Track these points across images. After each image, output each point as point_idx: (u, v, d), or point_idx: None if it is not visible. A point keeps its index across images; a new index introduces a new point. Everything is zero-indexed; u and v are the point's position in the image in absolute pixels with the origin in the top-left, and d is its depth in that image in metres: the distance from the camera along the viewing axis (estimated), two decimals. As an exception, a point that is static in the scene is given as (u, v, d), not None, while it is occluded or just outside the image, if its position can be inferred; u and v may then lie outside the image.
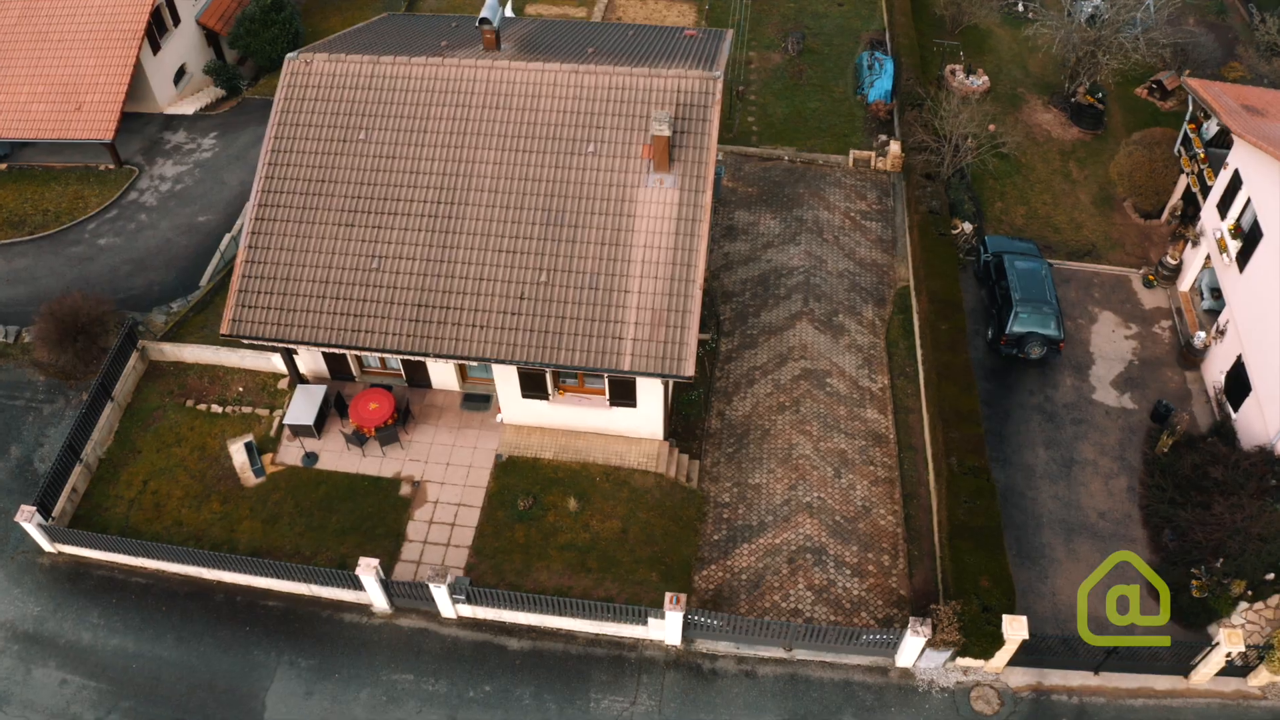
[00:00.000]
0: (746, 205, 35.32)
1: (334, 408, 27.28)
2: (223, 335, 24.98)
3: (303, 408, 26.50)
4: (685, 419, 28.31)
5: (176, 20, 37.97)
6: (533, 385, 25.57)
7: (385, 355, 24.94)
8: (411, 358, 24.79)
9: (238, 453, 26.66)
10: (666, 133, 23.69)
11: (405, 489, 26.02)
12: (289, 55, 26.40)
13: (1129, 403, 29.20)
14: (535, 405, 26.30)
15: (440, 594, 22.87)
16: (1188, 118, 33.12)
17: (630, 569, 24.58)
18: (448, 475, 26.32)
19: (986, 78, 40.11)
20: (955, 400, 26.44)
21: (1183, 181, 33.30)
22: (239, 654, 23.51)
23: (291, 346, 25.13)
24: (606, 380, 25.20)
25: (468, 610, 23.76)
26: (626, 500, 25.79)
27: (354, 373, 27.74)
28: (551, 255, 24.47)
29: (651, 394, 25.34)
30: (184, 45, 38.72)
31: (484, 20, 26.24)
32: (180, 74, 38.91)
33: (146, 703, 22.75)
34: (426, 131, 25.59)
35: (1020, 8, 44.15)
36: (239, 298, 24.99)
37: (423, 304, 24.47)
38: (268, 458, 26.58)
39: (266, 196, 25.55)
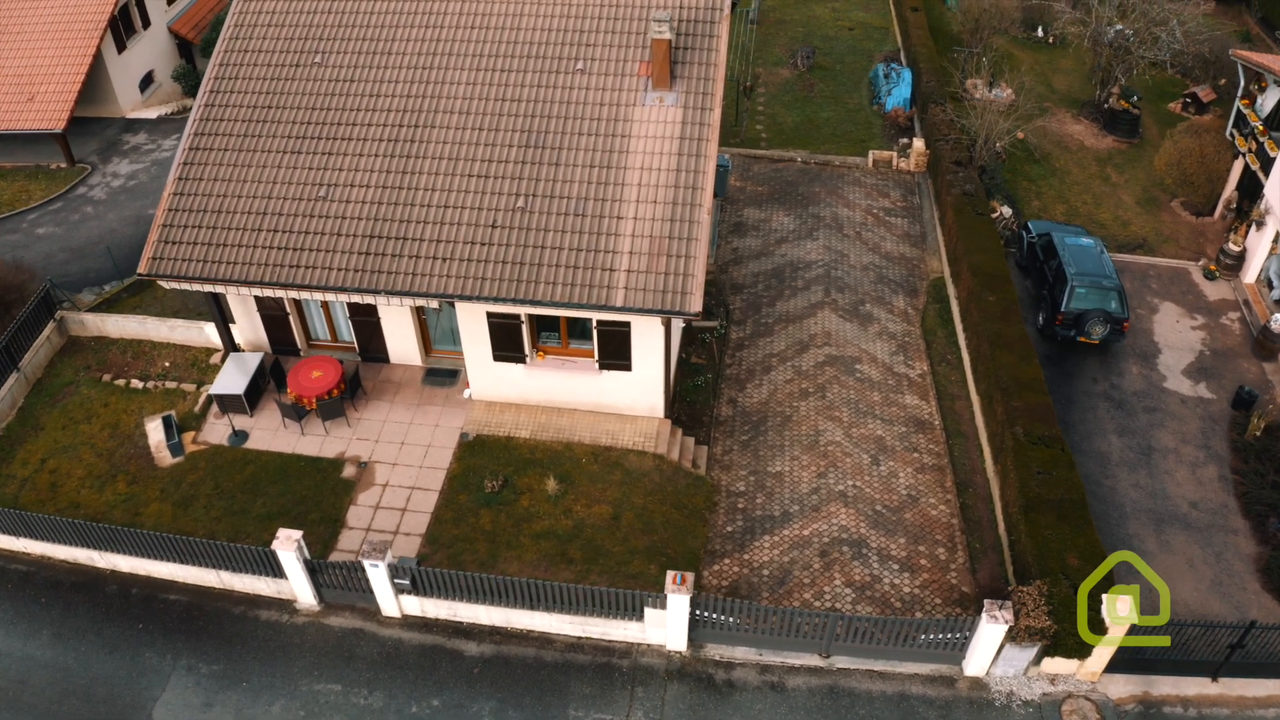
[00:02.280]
0: (756, 203, 31.76)
1: (271, 379, 22.90)
2: (139, 275, 20.88)
3: (233, 377, 22.17)
4: (690, 405, 23.85)
5: (146, 23, 35.48)
6: (507, 342, 21.28)
7: (331, 297, 20.73)
8: (361, 297, 20.57)
9: (154, 430, 22.16)
10: (668, 36, 20.24)
11: (349, 470, 21.39)
12: (237, -16, 23.33)
13: (1205, 392, 24.84)
14: (510, 373, 21.94)
15: (378, 578, 17.98)
16: (1239, 93, 29.86)
17: (623, 560, 19.71)
18: (401, 456, 21.73)
19: (1010, 90, 37.19)
20: (1014, 370, 22.06)
21: (1238, 167, 29.86)
22: (127, 656, 18.47)
23: (219, 289, 20.97)
24: (595, 334, 20.94)
25: (415, 606, 18.78)
26: (619, 483, 21.12)
27: (299, 344, 23.47)
28: (531, 180, 20.64)
29: (650, 353, 21.03)
30: (153, 51, 36.09)
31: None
32: (148, 81, 36.14)
33: (7, 710, 17.64)
34: (391, 54, 22.24)
35: (1040, 33, 41.75)
36: (161, 233, 21.04)
37: (376, 235, 20.50)
38: (189, 436, 22.08)
39: (203, 125, 21.97)
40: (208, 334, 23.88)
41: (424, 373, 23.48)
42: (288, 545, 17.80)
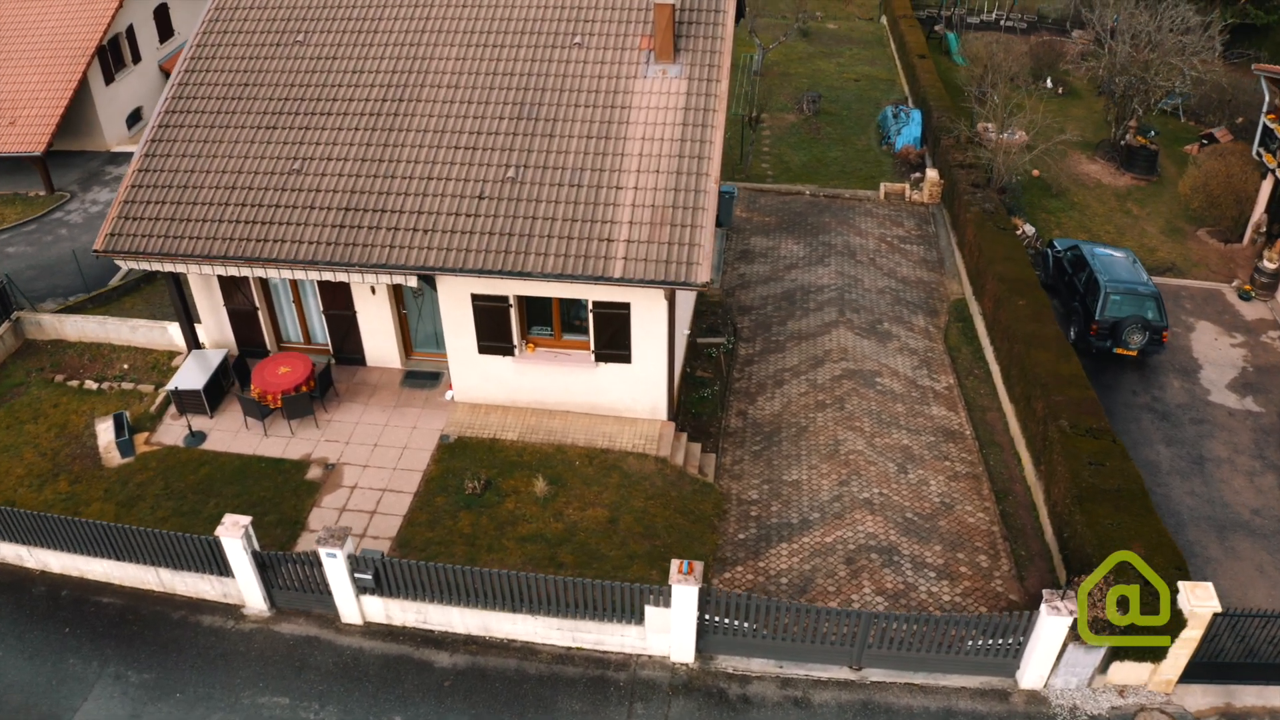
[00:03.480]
0: (764, 232, 30.23)
1: (235, 380, 20.85)
2: (95, 252, 19.09)
3: (193, 373, 20.15)
4: (696, 418, 21.73)
5: (137, 58, 34.67)
6: (494, 330, 19.34)
7: (301, 274, 18.84)
8: (334, 275, 18.70)
9: (104, 431, 20.04)
10: (671, 1, 18.95)
11: (315, 472, 19.14)
12: (222, -39, 22.27)
13: (1254, 405, 22.80)
14: (497, 368, 19.92)
15: (336, 571, 15.57)
16: (1264, 109, 28.61)
17: (620, 565, 17.31)
18: (374, 458, 19.51)
19: (1023, 132, 36.13)
20: (1052, 366, 20.04)
21: (1266, 187, 28.47)
22: (48, 662, 15.92)
23: (180, 267, 19.15)
24: (591, 319, 19.00)
25: (379, 609, 16.29)
26: (616, 486, 18.85)
27: (269, 344, 21.51)
28: (522, 151, 19.06)
29: (652, 342, 19.05)
30: (143, 87, 35.20)
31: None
32: (136, 118, 35.14)
33: (-107, 729, 15.08)
34: (377, 33, 20.98)
35: (1049, 83, 41.07)
36: (121, 209, 19.36)
37: (352, 208, 18.79)
38: (142, 437, 19.93)
39: (175, 104, 20.55)
40: (171, 335, 21.97)
41: (403, 375, 21.43)
42: (234, 532, 15.46)
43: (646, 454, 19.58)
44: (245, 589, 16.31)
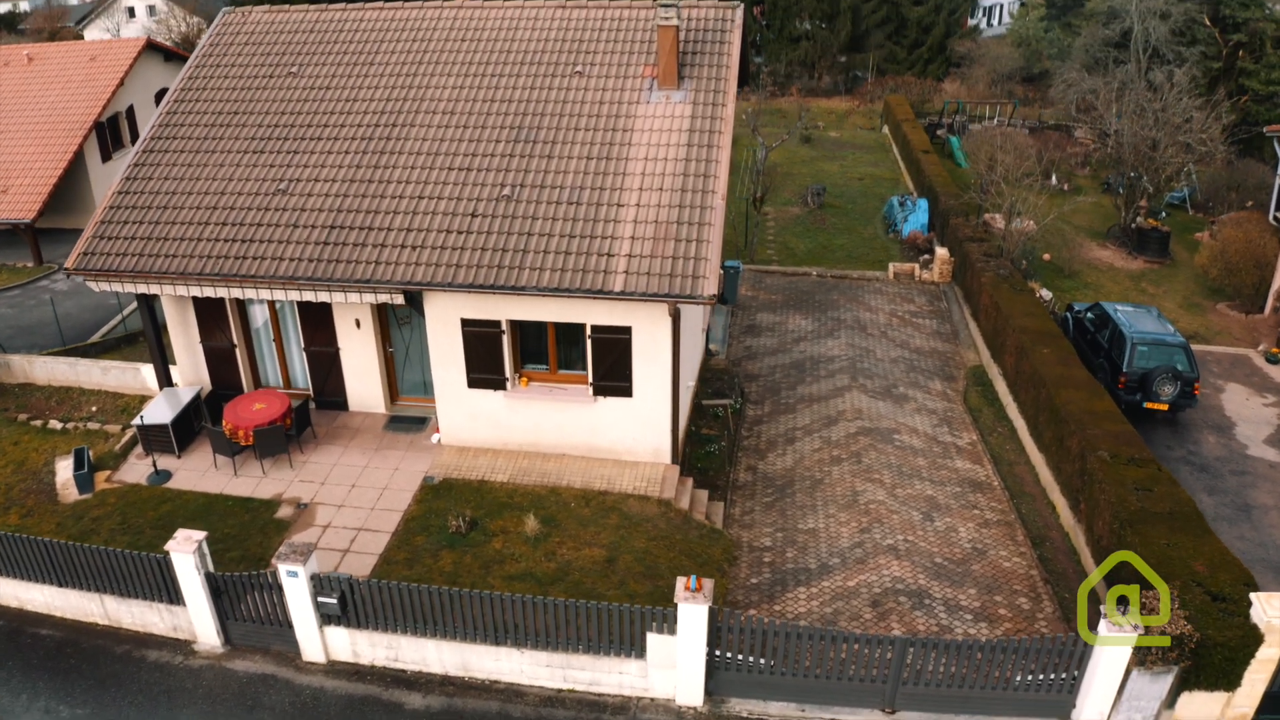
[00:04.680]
0: (771, 309, 29.30)
1: (207, 415, 19.42)
2: (66, 270, 18.08)
3: (162, 408, 18.77)
4: (703, 472, 20.13)
5: (136, 138, 34.64)
6: (485, 360, 18.04)
7: (280, 294, 17.70)
8: (315, 294, 17.54)
9: (64, 469, 18.52)
10: (675, 23, 18.56)
11: (285, 511, 17.46)
12: (224, 8, 22.17)
13: (1296, 461, 21.27)
14: (487, 405, 18.52)
15: (298, 594, 13.77)
16: (1279, 173, 28.13)
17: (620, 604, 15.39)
18: (350, 498, 17.87)
19: (1032, 221, 35.74)
20: (1085, 404, 18.68)
21: (1288, 250, 27.70)
22: (-40, 702, 13.93)
23: (154, 288, 18.04)
24: (590, 345, 17.73)
25: (344, 644, 14.37)
26: (615, 527, 17.14)
27: (245, 387, 20.18)
28: (519, 171, 18.25)
29: (655, 372, 17.72)
30: (142, 173, 35.00)
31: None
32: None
33: None
34: (373, 64, 20.56)
35: (1053, 180, 41.01)
36: (98, 229, 18.42)
37: (338, 225, 17.83)
38: (103, 475, 18.35)
39: (162, 130, 19.93)
40: (144, 377, 20.68)
41: (387, 419, 19.99)
42: (185, 547, 13.76)
43: (649, 496, 17.94)
44: (197, 619, 14.45)
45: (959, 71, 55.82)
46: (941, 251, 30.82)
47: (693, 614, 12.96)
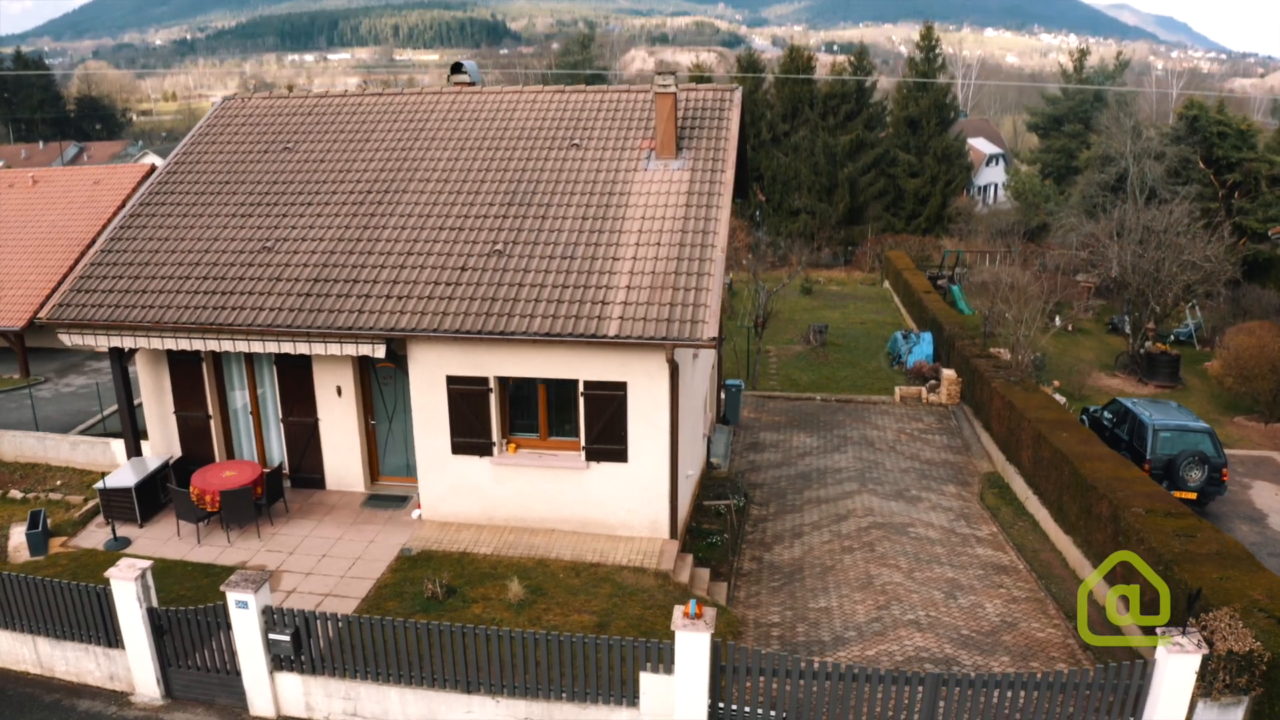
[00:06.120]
0: (774, 428, 28.33)
1: (174, 481, 18.17)
2: (37, 320, 17.43)
3: (127, 473, 17.60)
4: (704, 562, 18.63)
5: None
6: (470, 422, 16.98)
7: (258, 345, 16.85)
8: (294, 346, 16.70)
9: (17, 534, 17.16)
10: (673, 90, 18.67)
11: (248, 577, 15.92)
12: (225, 96, 22.57)
13: (1336, 549, 19.77)
14: (473, 474, 17.33)
15: (247, 629, 12.23)
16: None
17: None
18: (320, 566, 16.39)
19: (1038, 353, 35.31)
20: (1113, 472, 17.44)
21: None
22: None
23: (128, 340, 17.26)
24: (582, 403, 16.74)
25: (297, 695, 12.65)
26: (608, 596, 15.58)
27: (217, 458, 19.04)
28: (512, 230, 17.85)
29: (652, 434, 16.64)
30: (142, 303, 34.97)
31: (457, 67, 22.70)
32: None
33: None
34: (368, 141, 20.59)
35: (1056, 321, 40.88)
36: (76, 283, 17.86)
37: (322, 279, 17.25)
38: (59, 540, 16.98)
39: (150, 197, 19.73)
40: (114, 452, 19.61)
41: (366, 498, 18.70)
42: (127, 574, 12.35)
43: (645, 568, 16.44)
44: (136, 664, 12.81)
45: (957, 227, 57.02)
46: (948, 372, 30.11)
47: (693, 645, 11.39)
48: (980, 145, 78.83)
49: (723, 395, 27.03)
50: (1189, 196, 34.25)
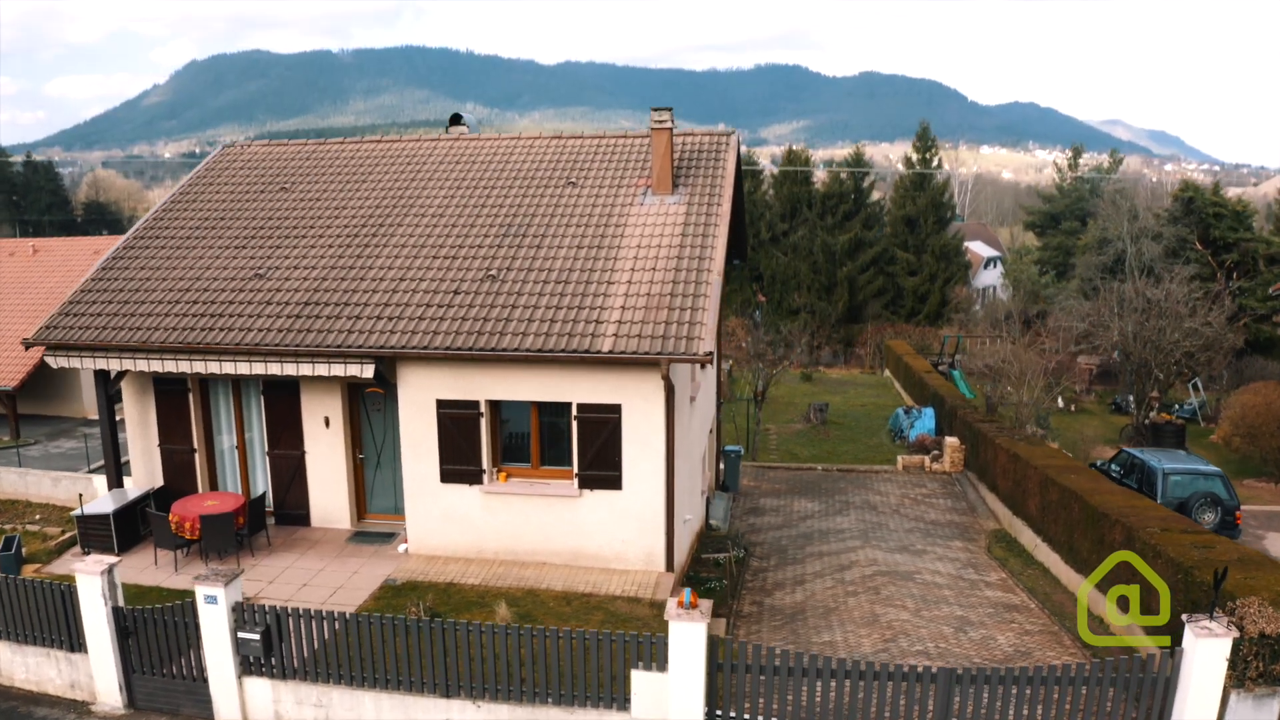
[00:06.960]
0: (775, 495, 27.73)
1: (153, 507, 17.57)
2: (25, 343, 17.12)
3: (106, 501, 17.08)
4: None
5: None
6: (460, 448, 16.53)
7: (245, 367, 16.51)
8: (282, 367, 16.37)
9: (-16, 564, 16.50)
10: (669, 125, 18.89)
11: (223, 602, 15.21)
12: (225, 143, 22.89)
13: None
14: (462, 504, 16.79)
15: (215, 626, 11.57)
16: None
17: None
18: (300, 595, 15.69)
19: (1043, 431, 34.85)
20: (1125, 503, 16.87)
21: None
22: None
23: (114, 362, 16.96)
24: (575, 427, 16.32)
25: (265, 701, 11.87)
26: (600, 624, 14.83)
27: (200, 488, 18.49)
28: (506, 258, 17.76)
29: (648, 464, 16.16)
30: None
31: (456, 118, 23.06)
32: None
33: None
34: (364, 183, 20.72)
35: (1060, 403, 40.52)
36: (64, 308, 17.68)
37: (313, 302, 17.06)
38: (32, 567, 16.33)
39: (145, 231, 19.75)
40: (96, 488, 19.06)
41: (352, 534, 18.08)
42: (93, 569, 11.75)
43: (640, 598, 15.72)
44: (99, 670, 12.07)
45: (958, 318, 57.11)
46: (952, 440, 29.62)
47: (688, 637, 10.71)
48: (978, 248, 79.78)
49: (722, 465, 26.50)
50: (1188, 276, 34.40)
